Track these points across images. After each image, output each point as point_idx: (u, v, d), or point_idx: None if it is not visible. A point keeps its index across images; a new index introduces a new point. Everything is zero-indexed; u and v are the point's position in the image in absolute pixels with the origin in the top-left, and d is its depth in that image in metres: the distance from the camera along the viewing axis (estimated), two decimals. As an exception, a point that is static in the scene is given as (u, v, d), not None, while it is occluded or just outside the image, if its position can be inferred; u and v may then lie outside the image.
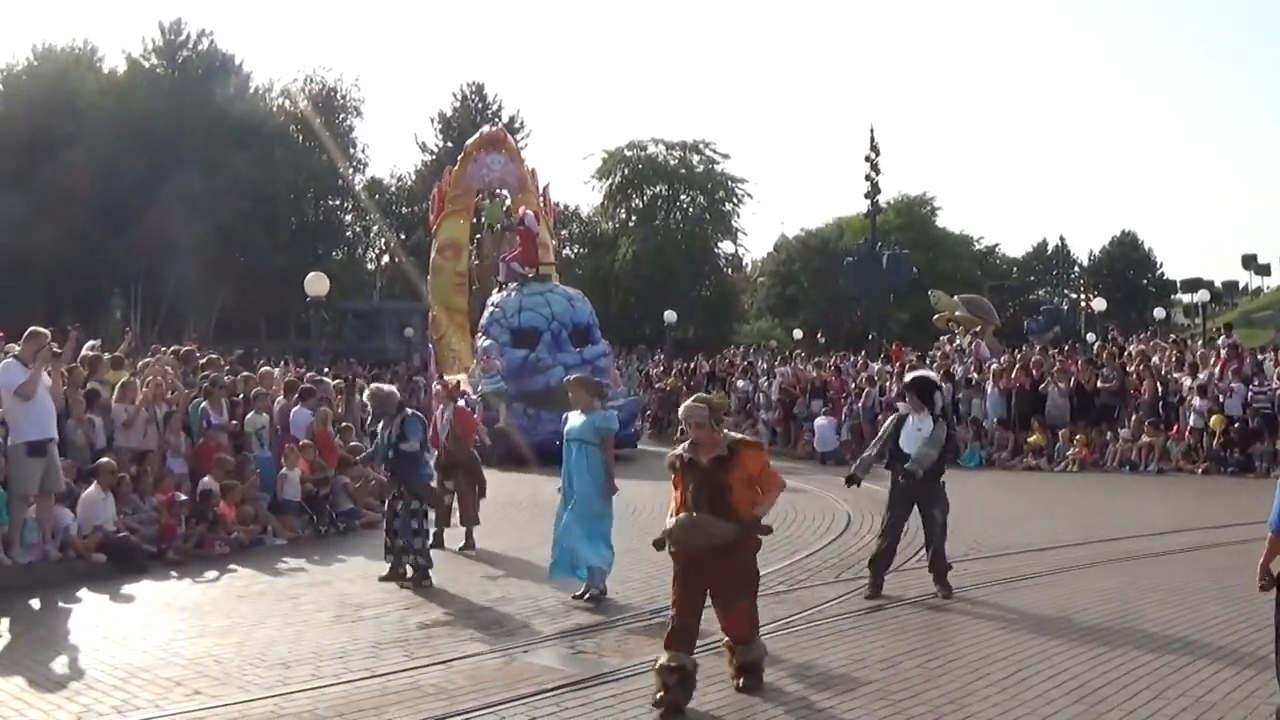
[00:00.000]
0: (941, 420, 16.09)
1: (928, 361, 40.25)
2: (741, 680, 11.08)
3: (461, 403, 21.93)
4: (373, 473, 23.80)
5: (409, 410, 18.51)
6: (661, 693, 10.40)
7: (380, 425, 18.16)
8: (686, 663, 10.50)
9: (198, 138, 75.33)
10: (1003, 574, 16.74)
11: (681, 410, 11.47)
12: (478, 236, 51.39)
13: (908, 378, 18.17)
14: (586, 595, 15.31)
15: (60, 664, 12.65)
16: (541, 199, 49.61)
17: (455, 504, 20.97)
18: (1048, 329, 55.69)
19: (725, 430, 11.43)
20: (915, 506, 16.12)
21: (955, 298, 58.77)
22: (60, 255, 71.52)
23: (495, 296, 41.86)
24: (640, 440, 40.97)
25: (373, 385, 20.48)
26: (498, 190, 51.62)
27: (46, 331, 18.75)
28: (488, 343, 38.55)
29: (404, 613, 14.88)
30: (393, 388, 19.58)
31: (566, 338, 38.80)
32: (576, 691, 11.07)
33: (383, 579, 17.32)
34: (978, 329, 49.39)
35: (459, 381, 21.76)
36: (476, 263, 49.89)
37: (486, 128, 55.92)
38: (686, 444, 11.19)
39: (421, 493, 17.87)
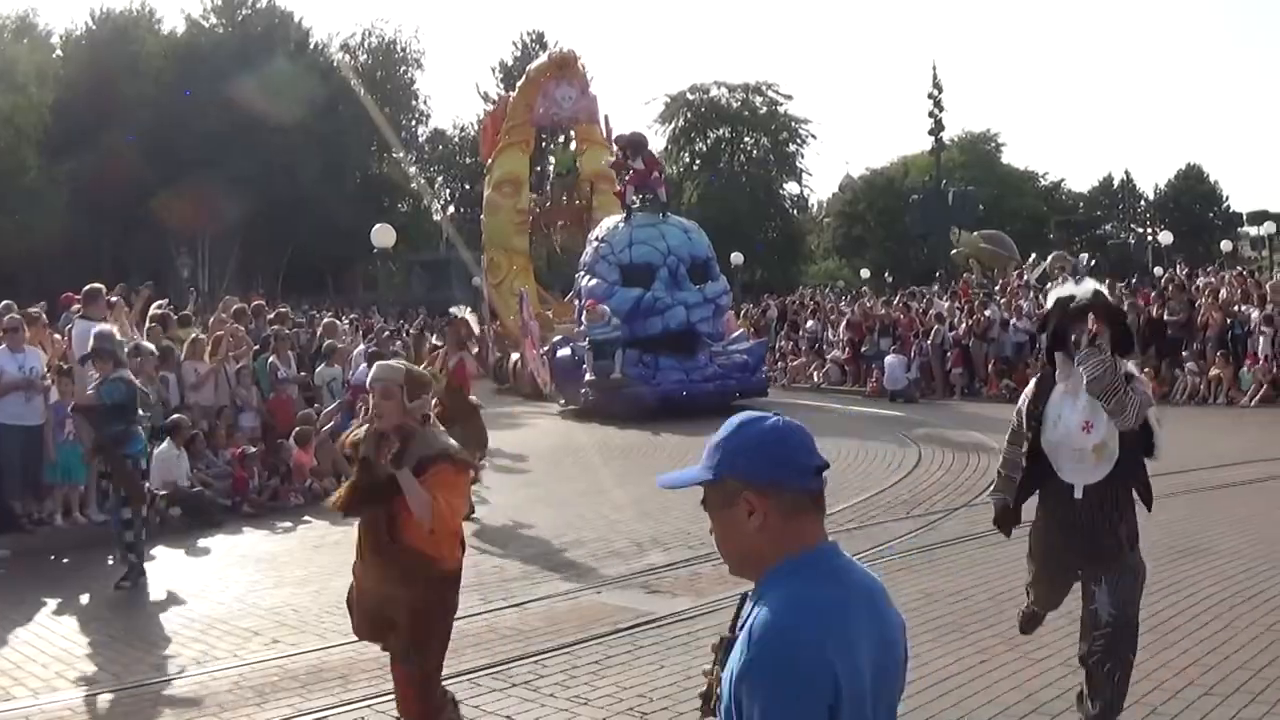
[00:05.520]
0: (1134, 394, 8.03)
1: (994, 298, 39.84)
2: None
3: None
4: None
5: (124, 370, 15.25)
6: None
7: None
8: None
9: (259, 94, 75.51)
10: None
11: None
12: (548, 184, 50.53)
13: (1082, 291, 8.29)
14: None
15: (139, 617, 12.87)
16: (605, 130, 47.76)
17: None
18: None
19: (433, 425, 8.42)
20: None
21: (975, 234, 58.76)
22: (127, 216, 71.96)
23: (599, 230, 37.28)
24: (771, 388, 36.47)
25: (100, 326, 16.61)
26: (568, 129, 50.73)
27: (102, 287, 19.09)
28: (593, 282, 34.72)
29: (478, 557, 15.03)
30: (113, 329, 16.58)
31: (685, 274, 34.21)
32: (650, 630, 11.21)
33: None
34: (993, 268, 49.56)
35: (468, 322, 20.14)
36: (537, 210, 48.77)
37: (555, 49, 53.25)
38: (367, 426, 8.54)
39: (120, 476, 15.16)
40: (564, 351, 34.30)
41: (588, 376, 32.16)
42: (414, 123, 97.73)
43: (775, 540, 3.53)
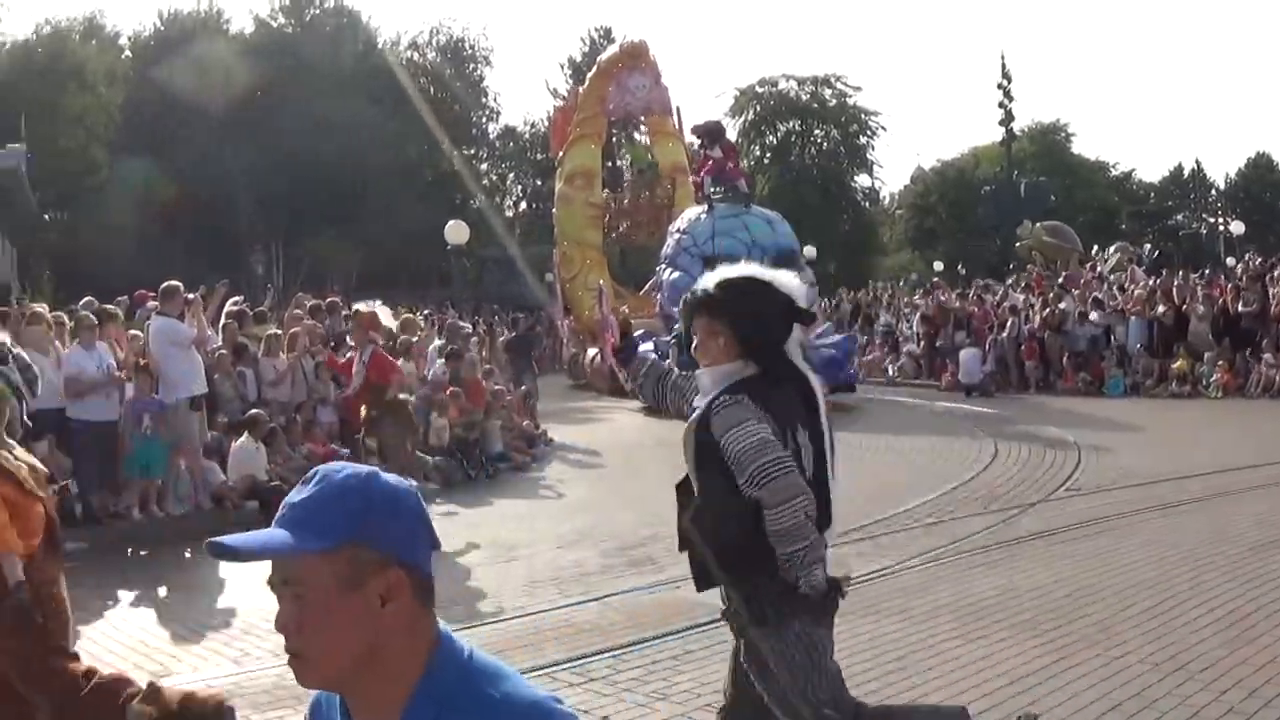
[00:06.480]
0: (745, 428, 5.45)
1: (1069, 291, 39.45)
2: None
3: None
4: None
5: None
6: None
7: None
8: None
9: (329, 94, 75.87)
10: (1152, 501, 16.63)
11: None
12: (625, 181, 49.94)
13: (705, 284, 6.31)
14: None
15: (217, 610, 12.91)
16: (677, 122, 47.84)
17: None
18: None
19: None
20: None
21: (1038, 225, 58.52)
22: (199, 217, 72.40)
23: (679, 222, 36.67)
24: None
25: None
26: (641, 119, 50.37)
27: (179, 284, 19.24)
28: (675, 275, 33.81)
29: (557, 552, 15.08)
30: None
31: (770, 266, 32.52)
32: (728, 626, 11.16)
33: None
34: (1056, 260, 49.34)
35: (374, 314, 18.75)
36: (614, 207, 48.22)
37: (624, 40, 50.74)
38: None
39: None
40: (646, 346, 33.57)
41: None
42: (485, 120, 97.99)
43: (415, 635, 2.72)
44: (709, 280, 6.00)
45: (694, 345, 5.81)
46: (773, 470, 5.28)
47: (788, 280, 5.89)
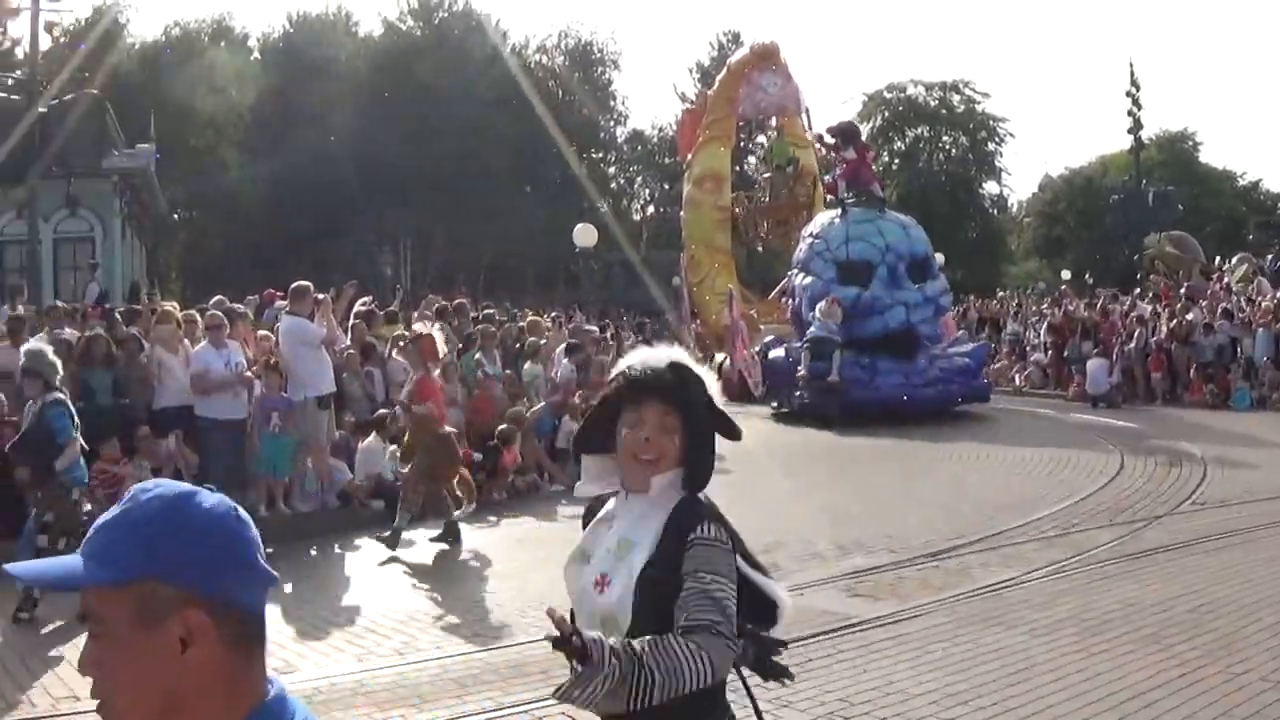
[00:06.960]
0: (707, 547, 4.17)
1: (1196, 302, 38.95)
2: None
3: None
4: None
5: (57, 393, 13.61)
6: None
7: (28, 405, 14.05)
8: None
9: (457, 97, 76.17)
10: (1277, 516, 16.38)
11: None
12: (765, 175, 49.54)
13: (635, 362, 4.58)
14: None
15: (340, 608, 13.08)
16: (806, 123, 47.55)
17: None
18: None
19: None
20: None
21: (1162, 235, 58.01)
22: (327, 216, 72.98)
23: (812, 226, 35.20)
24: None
25: (31, 344, 15.20)
26: (772, 119, 50.03)
27: (309, 284, 19.46)
28: (808, 280, 32.72)
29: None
30: (43, 347, 14.45)
31: (904, 271, 31.82)
32: (852, 634, 11.20)
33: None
34: (1178, 270, 48.84)
35: (431, 336, 17.89)
36: (749, 206, 48.17)
37: (756, 42, 49.99)
38: None
39: (54, 501, 13.39)
40: (777, 352, 33.33)
41: (802, 375, 30.58)
42: (612, 124, 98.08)
43: (228, 687, 2.35)
44: (655, 360, 4.58)
45: (644, 436, 4.37)
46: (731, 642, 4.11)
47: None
